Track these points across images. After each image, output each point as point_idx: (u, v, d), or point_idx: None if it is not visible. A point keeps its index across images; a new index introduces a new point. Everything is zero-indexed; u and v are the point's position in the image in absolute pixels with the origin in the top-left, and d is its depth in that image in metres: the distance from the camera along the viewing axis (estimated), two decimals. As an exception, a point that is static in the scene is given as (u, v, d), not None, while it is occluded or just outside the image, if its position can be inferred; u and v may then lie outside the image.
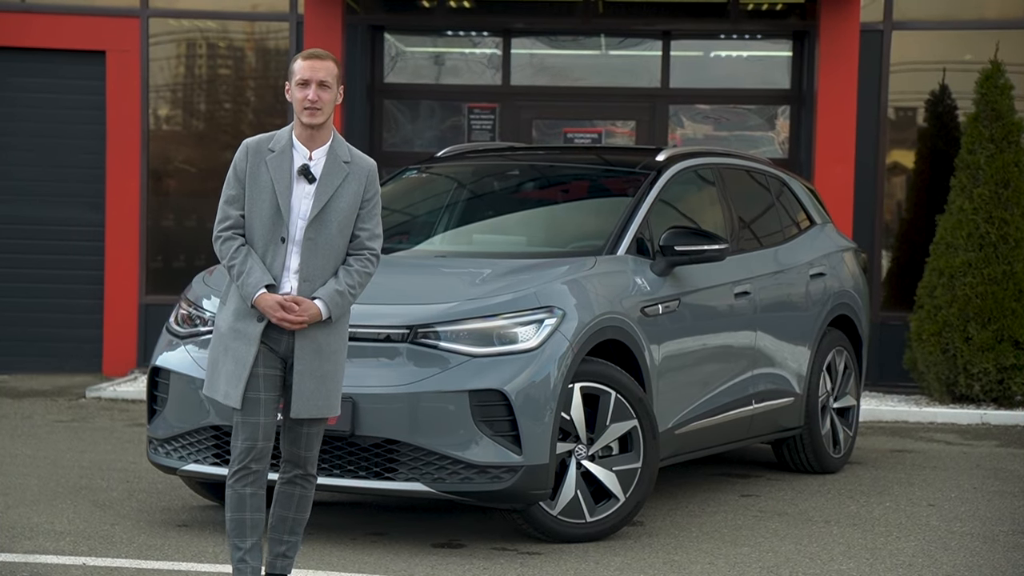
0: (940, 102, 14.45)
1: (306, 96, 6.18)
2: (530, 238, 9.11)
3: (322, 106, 6.19)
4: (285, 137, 6.27)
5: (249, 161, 6.23)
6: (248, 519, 6.23)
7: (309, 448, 6.32)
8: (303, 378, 6.19)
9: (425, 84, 14.86)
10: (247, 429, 6.21)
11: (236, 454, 6.23)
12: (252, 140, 6.30)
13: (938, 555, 7.87)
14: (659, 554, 7.76)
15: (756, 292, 9.41)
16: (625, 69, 14.99)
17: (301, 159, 6.22)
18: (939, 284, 13.05)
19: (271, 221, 6.19)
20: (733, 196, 9.71)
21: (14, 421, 11.74)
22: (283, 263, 6.19)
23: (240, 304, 6.20)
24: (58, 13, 14.32)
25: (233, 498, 6.23)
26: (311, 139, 6.23)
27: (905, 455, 11.03)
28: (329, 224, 6.20)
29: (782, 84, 14.72)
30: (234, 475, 6.23)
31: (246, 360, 6.17)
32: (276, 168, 6.20)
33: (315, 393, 6.22)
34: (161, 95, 14.63)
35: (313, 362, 6.20)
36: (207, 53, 14.73)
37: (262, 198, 6.20)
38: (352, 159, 6.29)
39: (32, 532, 7.89)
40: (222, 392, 6.22)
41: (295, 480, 6.35)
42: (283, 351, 6.22)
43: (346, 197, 6.23)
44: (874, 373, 14.08)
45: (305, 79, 6.19)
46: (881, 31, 14.21)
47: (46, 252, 14.43)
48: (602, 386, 7.94)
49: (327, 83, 6.21)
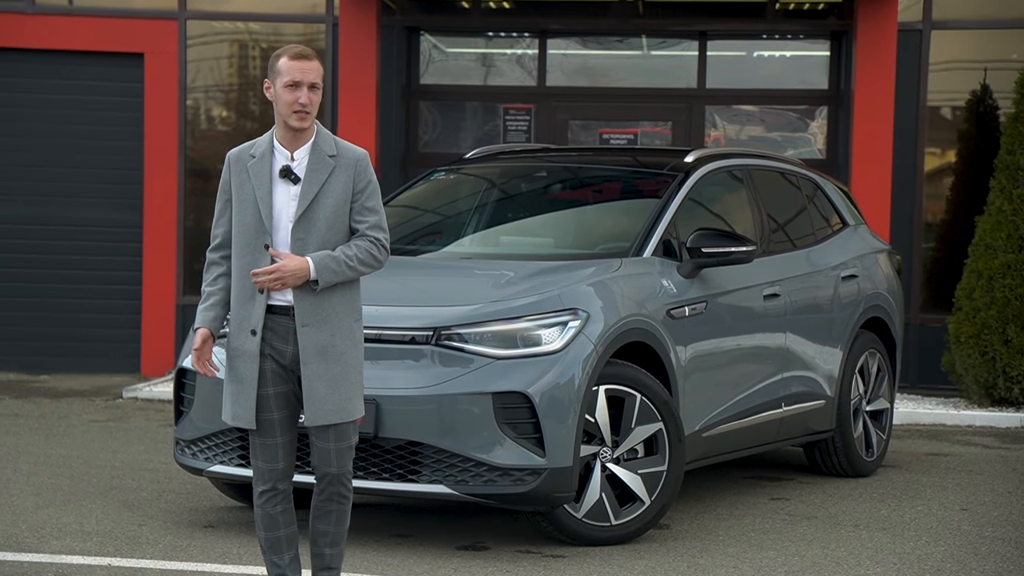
0: (981, 102, 14.33)
1: (297, 99, 5.90)
2: (557, 240, 9.08)
3: (311, 109, 5.93)
4: (266, 142, 6.04)
5: (232, 171, 6.04)
6: (283, 536, 6.12)
7: (340, 465, 6.04)
8: (312, 383, 5.95)
9: (461, 85, 14.85)
10: (265, 452, 6.05)
11: (258, 476, 6.08)
12: (234, 151, 6.10)
13: (968, 560, 7.80)
14: (684, 558, 7.72)
15: (786, 294, 9.35)
16: (661, 70, 14.94)
17: (283, 160, 5.98)
18: (978, 286, 12.95)
19: (255, 228, 5.96)
20: (763, 197, 9.66)
21: (51, 421, 11.81)
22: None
23: (235, 323, 6.04)
24: (97, 16, 14.39)
25: (264, 518, 6.11)
26: (294, 140, 5.98)
27: (940, 458, 10.94)
28: (317, 222, 5.94)
29: (820, 84, 14.64)
30: (260, 496, 6.09)
31: (250, 378, 5.98)
32: (257, 174, 5.98)
33: (328, 397, 5.96)
34: (198, 97, 14.69)
35: (320, 365, 5.95)
36: (244, 55, 14.78)
37: (245, 207, 5.98)
38: (339, 151, 6.01)
39: (60, 532, 7.92)
40: (230, 413, 6.05)
41: (332, 498, 6.10)
42: (290, 361, 5.99)
43: (334, 192, 5.96)
44: (913, 375, 13.99)
45: (296, 81, 5.91)
46: (920, 31, 14.11)
47: (85, 253, 14.51)
48: (627, 388, 7.91)
49: (317, 85, 5.94)
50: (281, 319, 6.00)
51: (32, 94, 14.46)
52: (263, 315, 5.99)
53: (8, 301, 14.49)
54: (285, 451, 6.07)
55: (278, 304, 6.00)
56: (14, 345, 14.46)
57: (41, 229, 14.51)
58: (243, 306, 6.03)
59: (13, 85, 14.46)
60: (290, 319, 5.99)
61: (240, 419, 6.03)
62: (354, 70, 14.04)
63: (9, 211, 14.48)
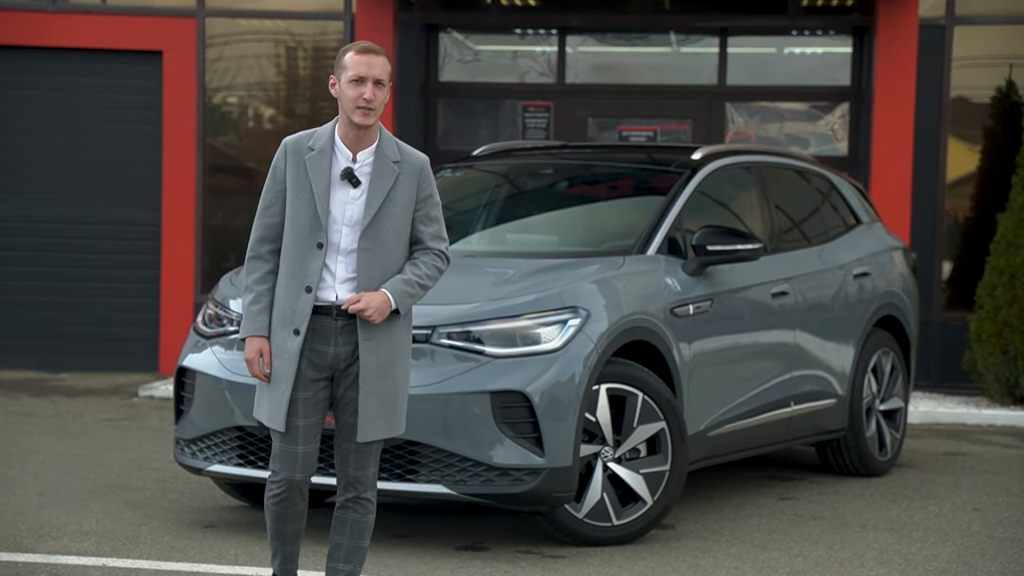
0: (1006, 98, 14.17)
1: (361, 94, 5.69)
2: (562, 237, 9.01)
3: (376, 106, 5.71)
4: (326, 135, 5.81)
5: (288, 161, 5.79)
6: (290, 531, 6.00)
7: (360, 467, 5.88)
8: (367, 399, 5.76)
9: (479, 82, 14.79)
10: (285, 459, 5.84)
11: (273, 479, 5.90)
12: (291, 138, 5.85)
13: (975, 561, 7.69)
14: (685, 558, 7.64)
15: (795, 292, 9.25)
16: (682, 66, 14.84)
17: (344, 160, 5.77)
18: (999, 284, 12.81)
19: (309, 225, 5.73)
20: (773, 194, 9.55)
21: (65, 419, 11.80)
22: (320, 270, 5.74)
23: (278, 320, 5.80)
24: (115, 14, 14.40)
25: (273, 512, 5.95)
26: (357, 140, 5.77)
27: (957, 458, 10.82)
28: (384, 231, 5.75)
29: (842, 81, 14.51)
30: (272, 496, 5.91)
31: (287, 378, 5.76)
32: (315, 168, 5.76)
33: (378, 413, 5.79)
34: (217, 95, 14.67)
35: (377, 382, 5.78)
36: (262, 52, 14.75)
37: (301, 200, 5.75)
38: (402, 157, 5.83)
39: (59, 532, 7.90)
40: (266, 414, 5.83)
41: (348, 504, 5.92)
42: (331, 361, 5.78)
43: (400, 200, 5.78)
44: (935, 374, 13.86)
45: (360, 76, 5.70)
46: (943, 26, 13.96)
47: (103, 251, 14.51)
48: (629, 387, 7.83)
49: (382, 81, 5.74)
50: (324, 319, 5.79)
51: (50, 92, 14.47)
52: (309, 314, 5.78)
53: (28, 299, 14.50)
54: (305, 461, 5.87)
55: (321, 304, 5.79)
56: (34, 343, 14.47)
57: (60, 227, 14.51)
58: (289, 304, 5.80)
59: (31, 83, 14.47)
60: (331, 319, 5.79)
61: (274, 420, 5.83)
62: (371, 68, 13.96)
63: (29, 209, 14.50)
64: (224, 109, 14.82)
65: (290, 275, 5.81)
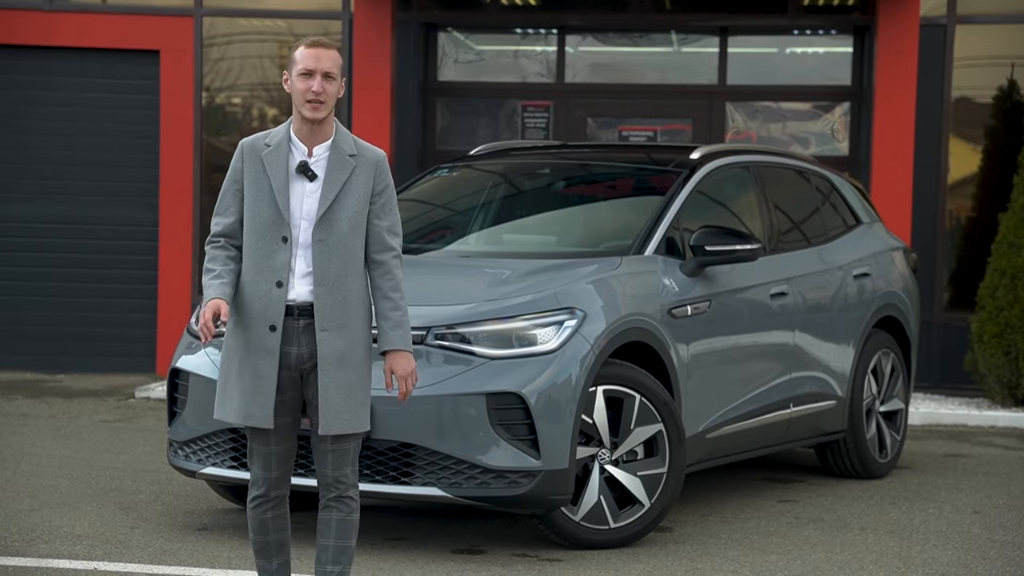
0: (1008, 97, 14.11)
1: (309, 87, 5.72)
2: (560, 238, 8.94)
3: (326, 99, 5.73)
4: (282, 132, 5.85)
5: (246, 159, 5.84)
6: (272, 541, 5.99)
7: (338, 467, 5.83)
8: (328, 391, 5.73)
9: (479, 82, 14.72)
10: (260, 460, 5.86)
11: (253, 481, 5.92)
12: (247, 140, 5.91)
13: (974, 564, 7.62)
14: (682, 561, 7.56)
15: (794, 293, 9.18)
16: (682, 66, 14.77)
17: (300, 155, 5.79)
18: (1001, 284, 12.74)
19: (271, 220, 5.75)
20: (772, 195, 9.48)
21: (60, 421, 11.73)
22: (287, 263, 5.76)
23: (249, 316, 5.80)
24: (113, 13, 14.34)
25: (255, 522, 5.96)
26: (311, 134, 5.79)
27: (958, 460, 10.75)
28: (339, 223, 5.75)
29: (843, 81, 14.44)
30: (252, 501, 5.94)
31: (268, 374, 5.73)
32: (272, 164, 5.78)
33: (343, 406, 5.75)
34: (215, 94, 14.61)
35: (337, 372, 5.74)
36: (260, 52, 14.69)
37: (260, 197, 5.77)
38: (358, 151, 5.83)
39: (51, 535, 7.83)
40: (237, 411, 5.77)
41: (330, 504, 5.87)
42: (295, 363, 5.79)
43: (355, 192, 5.78)
44: (936, 375, 13.79)
45: (309, 69, 5.73)
46: (944, 25, 13.89)
47: (101, 252, 14.45)
48: (626, 389, 7.76)
49: (332, 74, 5.75)
50: (287, 319, 5.78)
51: (47, 92, 14.41)
52: (283, 310, 5.76)
53: (25, 300, 14.44)
54: (280, 459, 5.89)
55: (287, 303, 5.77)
56: (31, 344, 14.41)
57: (57, 228, 14.45)
58: (259, 300, 5.77)
59: (28, 83, 14.41)
60: (293, 318, 5.78)
61: (254, 418, 5.78)
62: (368, 67, 13.93)
63: (25, 210, 14.44)
64: (222, 109, 14.76)
65: (257, 271, 5.80)
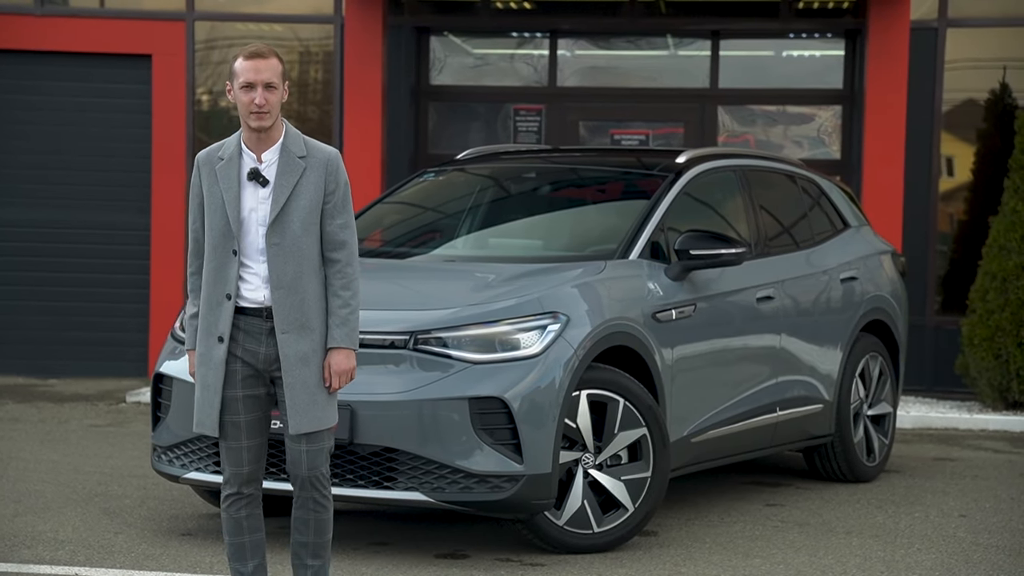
0: (1000, 101, 14.10)
1: (252, 100, 5.82)
2: (545, 242, 8.92)
3: (269, 109, 5.83)
4: (234, 143, 5.94)
5: (202, 173, 5.95)
6: (247, 542, 6.04)
7: (311, 467, 5.93)
8: (294, 391, 5.86)
9: (471, 86, 14.71)
10: (230, 455, 5.97)
11: (225, 479, 6.02)
12: (203, 153, 6.01)
13: (958, 568, 7.61)
14: (666, 565, 7.56)
15: (781, 296, 9.17)
16: (674, 70, 14.76)
17: (251, 163, 5.89)
18: (991, 288, 12.73)
19: (223, 233, 5.86)
20: (759, 198, 9.47)
21: (49, 426, 11.73)
22: (236, 276, 5.86)
23: (203, 328, 5.93)
24: (104, 17, 14.33)
25: (229, 522, 6.04)
26: (260, 142, 5.89)
27: (947, 463, 10.74)
28: (291, 224, 5.83)
29: (835, 84, 14.43)
30: (226, 500, 6.03)
31: (214, 384, 5.89)
32: (224, 176, 5.89)
33: (309, 406, 5.88)
34: (207, 98, 14.61)
35: (301, 372, 5.86)
36: (252, 56, 14.66)
37: (215, 209, 5.89)
38: (308, 152, 5.91)
39: (33, 541, 7.82)
40: (195, 421, 5.97)
41: (306, 504, 5.98)
42: (263, 362, 5.90)
43: (306, 194, 5.85)
44: (928, 378, 13.78)
45: (249, 82, 5.83)
46: (935, 28, 13.88)
47: (93, 256, 14.44)
48: (610, 393, 7.75)
49: (273, 84, 5.85)
50: (254, 320, 5.90)
51: (39, 96, 14.41)
52: (231, 321, 5.90)
53: (16, 304, 14.44)
54: (251, 455, 5.99)
55: (250, 306, 5.90)
56: (22, 349, 14.40)
57: (49, 232, 14.44)
58: (211, 311, 5.93)
59: (19, 87, 14.41)
60: (263, 320, 5.89)
61: (203, 425, 5.96)
62: (360, 71, 13.93)
63: (17, 214, 14.43)
64: (214, 113, 14.75)
65: (212, 283, 5.94)
